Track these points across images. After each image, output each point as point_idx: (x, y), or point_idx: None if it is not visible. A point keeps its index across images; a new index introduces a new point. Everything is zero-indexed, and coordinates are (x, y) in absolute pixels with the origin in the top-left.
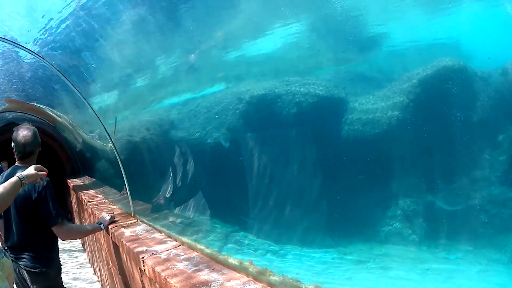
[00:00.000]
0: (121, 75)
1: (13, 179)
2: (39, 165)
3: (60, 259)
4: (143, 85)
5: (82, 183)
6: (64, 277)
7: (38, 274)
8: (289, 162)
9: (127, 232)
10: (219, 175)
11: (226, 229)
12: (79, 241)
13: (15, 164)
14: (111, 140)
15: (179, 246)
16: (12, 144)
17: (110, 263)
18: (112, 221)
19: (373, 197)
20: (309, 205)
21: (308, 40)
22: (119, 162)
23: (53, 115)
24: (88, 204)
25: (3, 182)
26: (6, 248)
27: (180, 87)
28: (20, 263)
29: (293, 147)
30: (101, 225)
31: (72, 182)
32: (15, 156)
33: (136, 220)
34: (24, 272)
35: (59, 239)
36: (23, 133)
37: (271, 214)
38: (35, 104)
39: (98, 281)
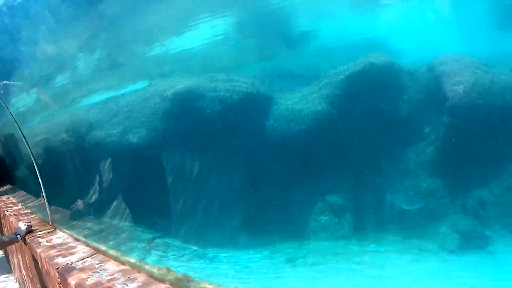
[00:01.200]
0: (40, 74)
1: None
2: None
3: None
4: (62, 84)
5: (1, 190)
6: None
7: None
8: (214, 162)
9: (44, 242)
10: (141, 178)
11: (149, 235)
12: (1, 252)
13: None
14: (27, 144)
15: (95, 254)
16: None
17: (31, 275)
18: (29, 230)
19: (301, 193)
20: (236, 206)
21: (235, 35)
22: (35, 167)
23: None
24: (6, 213)
25: None
26: None
27: (101, 85)
28: None
29: (217, 145)
30: (18, 235)
31: None
32: None
33: (53, 228)
34: None
35: None
36: None
37: (196, 217)
38: None
39: None
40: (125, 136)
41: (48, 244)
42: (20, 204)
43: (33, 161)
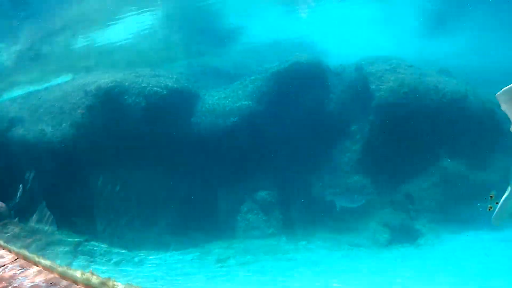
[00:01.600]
0: None
1: None
2: None
3: None
4: None
5: None
6: None
7: None
8: (139, 160)
9: None
10: (66, 178)
11: (75, 239)
12: None
13: None
14: None
15: (16, 259)
16: None
17: None
18: None
19: (229, 191)
20: (163, 206)
21: (162, 30)
22: None
23: None
24: None
25: None
26: None
27: (23, 78)
28: None
29: (142, 143)
30: None
31: None
32: None
33: None
34: None
35: None
36: None
37: (124, 219)
38: None
39: None
40: (47, 133)
41: None
42: None
43: None
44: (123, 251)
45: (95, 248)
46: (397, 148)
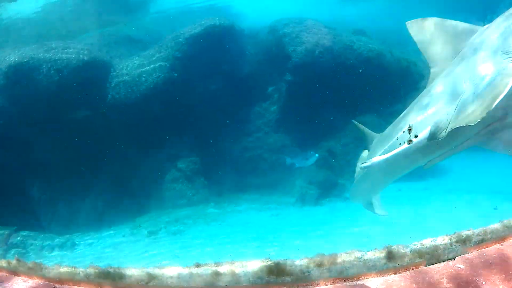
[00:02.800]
0: None
1: None
2: None
3: None
4: None
5: None
6: None
7: None
8: (57, 138)
9: None
10: None
11: (4, 231)
12: None
13: None
14: None
15: None
16: None
17: None
18: None
19: (150, 162)
20: (89, 185)
21: (71, 0)
22: None
23: None
24: None
25: None
26: None
27: None
28: None
29: (59, 119)
30: None
31: None
32: None
33: None
34: None
35: None
36: None
37: (51, 204)
38: None
39: None
40: None
41: None
42: None
43: None
44: (54, 236)
45: (26, 238)
46: (316, 106)
